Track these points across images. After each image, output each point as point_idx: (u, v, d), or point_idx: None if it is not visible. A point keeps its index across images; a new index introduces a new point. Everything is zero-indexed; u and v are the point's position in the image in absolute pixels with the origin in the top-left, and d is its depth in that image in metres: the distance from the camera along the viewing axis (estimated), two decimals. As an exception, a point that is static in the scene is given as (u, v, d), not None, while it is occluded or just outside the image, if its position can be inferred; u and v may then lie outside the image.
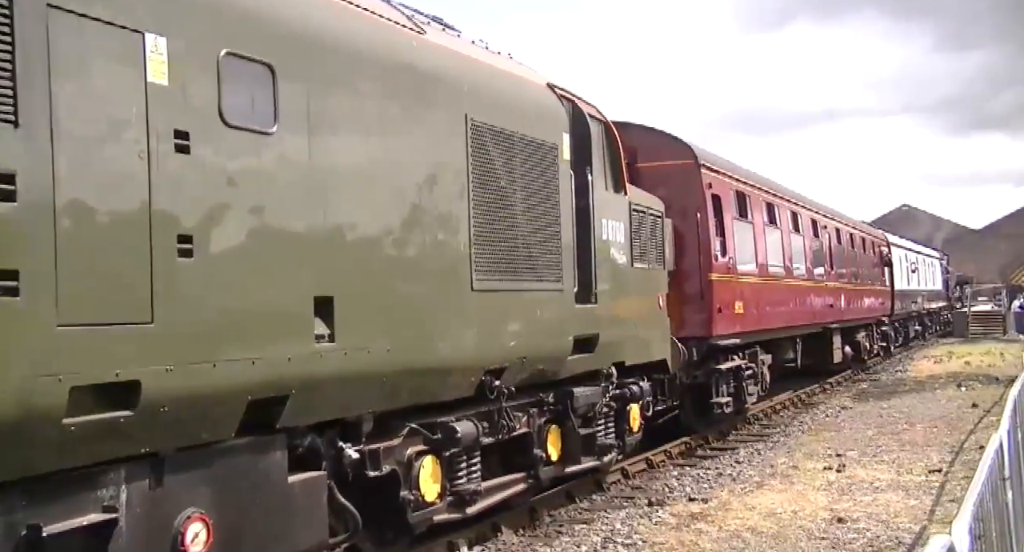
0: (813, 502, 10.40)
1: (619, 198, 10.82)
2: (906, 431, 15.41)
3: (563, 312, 9.01)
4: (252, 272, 5.31)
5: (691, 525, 9.51)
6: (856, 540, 8.83)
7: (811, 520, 9.61)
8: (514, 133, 8.21)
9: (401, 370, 6.62)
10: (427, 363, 6.93)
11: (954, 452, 13.14)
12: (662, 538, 9.06)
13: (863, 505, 10.18)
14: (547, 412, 9.33)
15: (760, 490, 11.15)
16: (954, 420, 16.32)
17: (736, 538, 8.98)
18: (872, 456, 13.18)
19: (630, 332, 10.91)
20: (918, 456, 12.98)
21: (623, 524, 9.67)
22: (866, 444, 14.24)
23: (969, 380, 23.17)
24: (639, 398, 11.21)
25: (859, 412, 18.37)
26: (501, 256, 7.91)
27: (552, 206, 8.84)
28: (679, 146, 14.02)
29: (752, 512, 10.01)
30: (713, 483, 11.80)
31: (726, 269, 14.41)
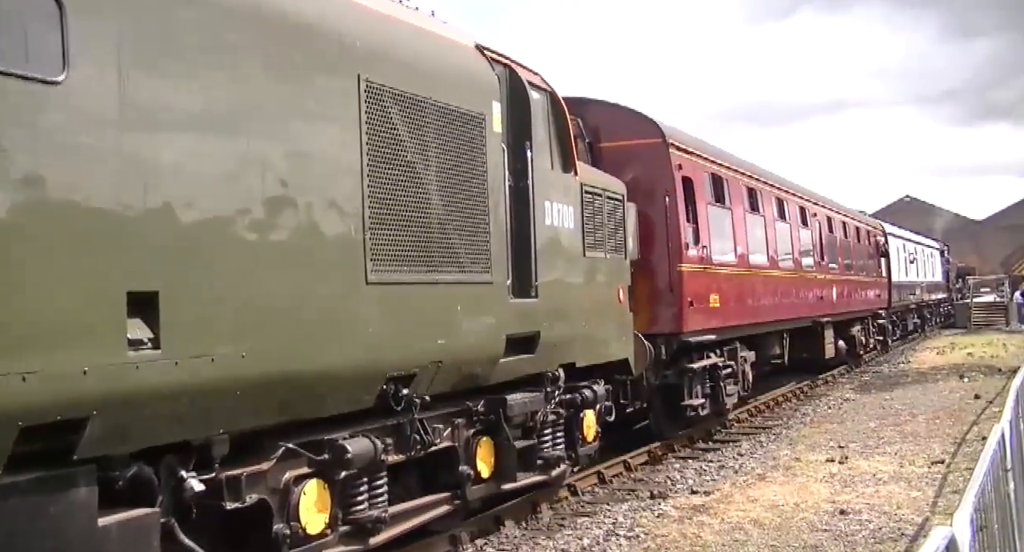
0: (815, 494, 10.29)
1: (568, 179, 9.62)
2: (908, 422, 15.25)
3: (493, 307, 7.83)
4: (24, 261, 4.12)
5: (693, 518, 9.43)
6: (859, 532, 8.74)
7: (813, 512, 9.51)
8: (426, 99, 7.02)
9: (264, 381, 5.43)
10: (303, 371, 5.74)
11: (956, 443, 13.02)
12: (664, 531, 8.97)
13: (865, 497, 10.08)
14: (477, 423, 8.15)
15: (762, 482, 11.05)
16: (956, 411, 16.11)
17: (738, 530, 8.91)
18: (874, 448, 13.07)
19: (581, 329, 9.72)
20: (920, 447, 12.87)
21: (625, 517, 9.63)
22: (868, 436, 14.09)
23: (971, 371, 22.92)
24: (593, 404, 10.03)
25: (861, 404, 18.20)
26: (408, 243, 6.72)
27: (477, 185, 7.65)
28: (645, 123, 12.81)
29: (754, 504, 9.90)
30: (715, 475, 11.71)
31: (699, 259, 13.20)
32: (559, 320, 9.10)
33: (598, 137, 12.66)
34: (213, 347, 5.04)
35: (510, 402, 8.23)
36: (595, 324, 10.10)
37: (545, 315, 8.77)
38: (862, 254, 27.28)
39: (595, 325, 10.10)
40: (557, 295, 9.08)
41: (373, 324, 6.33)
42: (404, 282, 6.67)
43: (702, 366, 13.43)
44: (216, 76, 5.19)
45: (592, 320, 10.00)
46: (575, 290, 9.58)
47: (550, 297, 8.88)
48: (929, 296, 41.26)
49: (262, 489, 5.76)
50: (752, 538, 8.66)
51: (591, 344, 10.03)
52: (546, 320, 8.79)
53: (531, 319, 8.57)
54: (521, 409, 8.41)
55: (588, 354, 9.95)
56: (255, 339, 5.33)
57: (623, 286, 10.98)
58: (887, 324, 31.01)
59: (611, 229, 10.71)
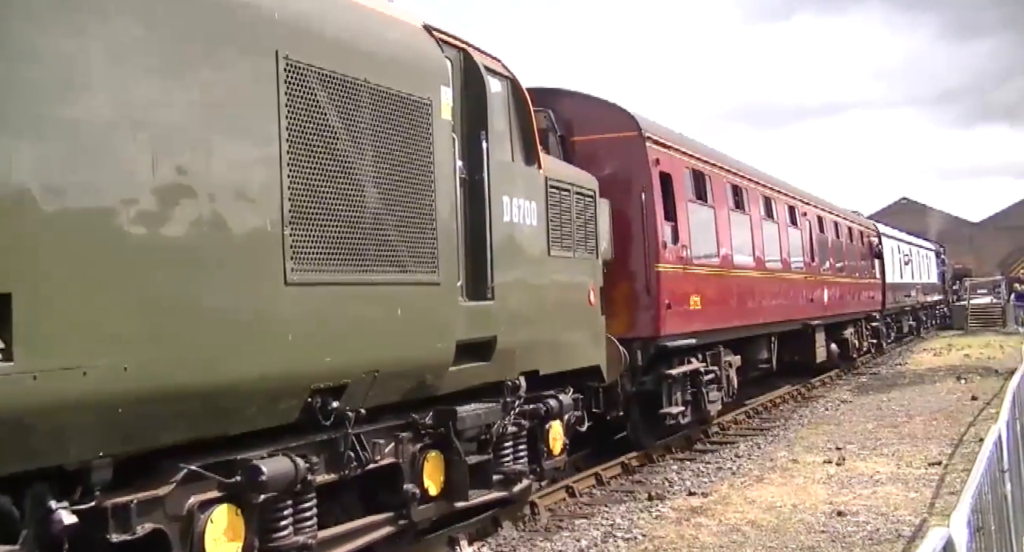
0: (813, 495, 10.29)
1: (531, 172, 8.96)
2: (905, 424, 15.24)
3: (440, 310, 7.16)
4: None
5: (691, 519, 9.41)
6: (856, 533, 8.72)
7: (811, 513, 9.51)
8: (360, 81, 6.34)
9: (153, 396, 4.76)
10: (205, 384, 5.06)
11: (954, 444, 13.01)
12: (662, 532, 8.96)
13: (863, 498, 10.08)
14: (425, 437, 7.47)
15: (760, 484, 11.04)
16: (954, 412, 16.14)
17: (736, 532, 8.89)
18: (872, 449, 13.06)
19: (546, 334, 9.06)
20: (918, 449, 12.87)
21: (623, 518, 9.62)
22: (866, 437, 14.09)
23: (968, 372, 22.94)
24: (560, 414, 9.36)
25: (859, 405, 18.25)
26: (338, 240, 6.04)
27: (422, 177, 6.97)
28: (620, 116, 12.14)
29: (752, 506, 9.90)
30: (713, 477, 11.70)
31: (678, 259, 12.53)
32: (519, 324, 8.44)
33: (571, 130, 12.00)
34: (86, 358, 4.36)
35: (461, 414, 7.55)
36: (562, 328, 9.44)
37: (503, 319, 8.10)
38: (855, 255, 26.64)
39: (562, 329, 9.44)
40: (517, 297, 8.42)
41: (294, 330, 5.65)
42: (332, 283, 5.99)
43: (682, 372, 12.75)
44: (86, 43, 4.50)
45: (558, 324, 9.34)
46: (538, 292, 8.92)
47: (508, 299, 8.22)
48: (924, 298, 40.63)
49: (159, 517, 5.08)
50: (750, 539, 8.63)
51: (557, 350, 9.37)
52: (504, 324, 8.13)
53: (486, 323, 7.90)
54: (474, 421, 7.73)
55: (554, 361, 9.29)
56: (142, 348, 4.65)
57: (594, 288, 10.32)
58: (881, 326, 30.36)
59: (581, 227, 10.04)
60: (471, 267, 7.89)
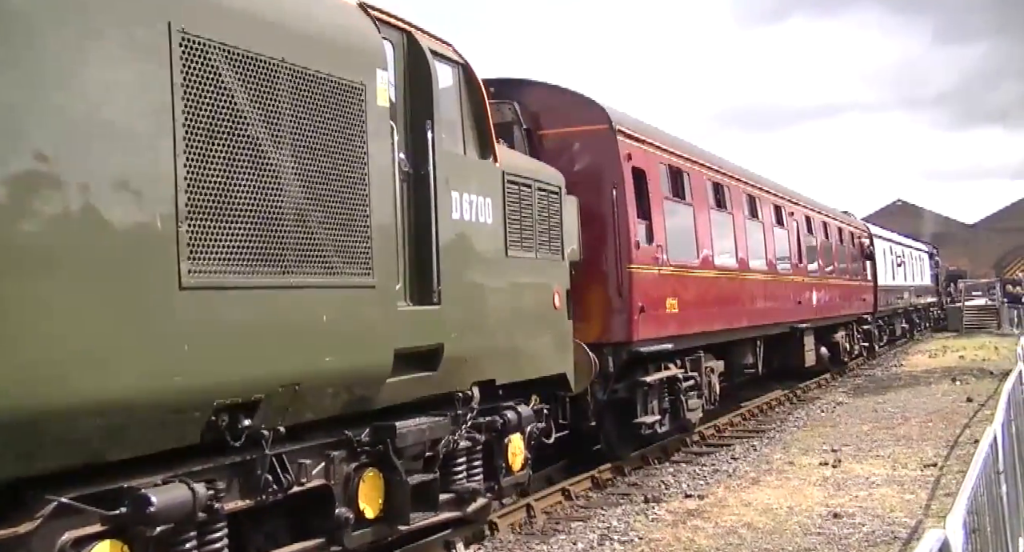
0: (809, 497, 10.30)
1: (485, 166, 8.30)
2: (901, 426, 15.25)
3: (375, 316, 6.49)
4: None
5: (687, 521, 9.40)
6: (852, 535, 8.71)
7: (807, 515, 9.50)
8: (277, 61, 5.68)
9: (4, 418, 4.09)
10: (72, 404, 4.39)
11: (949, 446, 13.01)
12: (659, 535, 8.96)
13: (859, 500, 10.08)
14: (361, 455, 6.80)
15: (756, 486, 11.03)
16: (949, 414, 16.13)
17: (732, 534, 8.88)
18: (867, 451, 13.06)
19: (502, 341, 8.40)
20: (913, 450, 12.87)
21: (619, 521, 9.59)
22: (861, 439, 14.09)
23: (964, 374, 22.90)
24: (519, 427, 8.69)
25: (854, 407, 18.27)
26: (247, 238, 5.37)
27: (354, 169, 6.31)
28: (589, 108, 11.47)
29: (748, 508, 9.88)
30: (709, 479, 11.68)
31: (653, 259, 11.87)
32: (471, 330, 7.78)
33: (538, 124, 11.35)
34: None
35: (401, 430, 6.88)
36: (522, 334, 8.78)
37: (451, 325, 7.44)
38: (845, 256, 26.01)
39: (522, 335, 8.78)
40: (468, 301, 7.76)
41: (191, 340, 4.98)
42: (241, 286, 5.32)
43: (658, 379, 12.09)
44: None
45: (517, 330, 8.68)
46: (493, 295, 8.26)
47: (458, 303, 7.55)
48: (918, 300, 40.02)
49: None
50: (746, 542, 8.61)
51: (516, 358, 8.71)
52: (453, 331, 7.46)
53: (432, 330, 7.24)
54: (417, 437, 7.06)
55: (513, 370, 8.63)
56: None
57: (559, 290, 9.66)
58: (873, 329, 29.75)
59: (544, 225, 9.38)
60: (415, 269, 7.24)
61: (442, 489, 7.83)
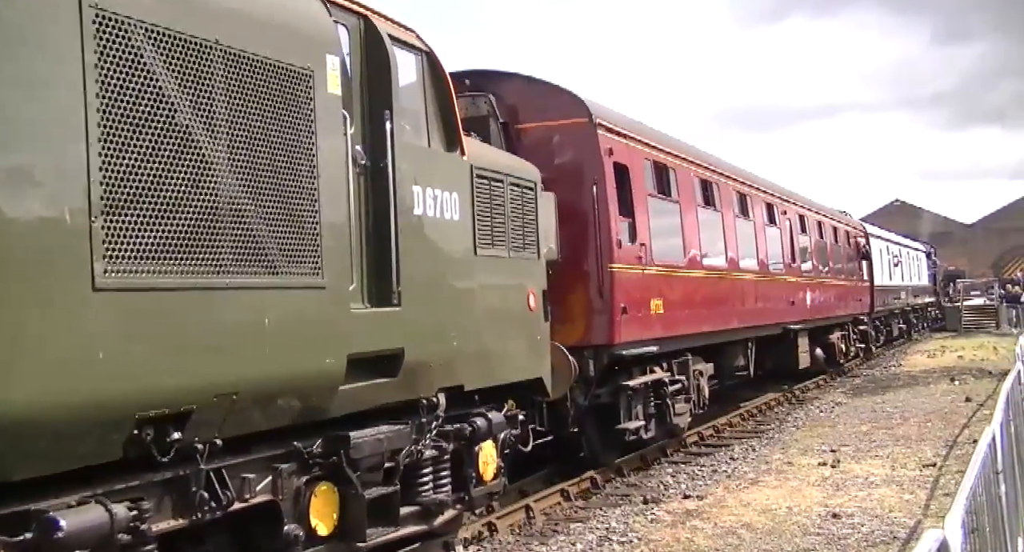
0: (808, 498, 10.29)
1: (451, 159, 7.86)
2: (900, 426, 15.26)
3: (325, 319, 6.04)
4: None
5: (686, 522, 9.39)
6: (851, 535, 8.70)
7: (806, 516, 9.48)
8: (211, 43, 5.23)
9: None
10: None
11: (948, 446, 13.01)
12: (658, 535, 8.95)
13: (858, 500, 10.07)
14: (313, 467, 6.34)
15: (755, 486, 11.03)
16: (948, 414, 16.14)
17: (731, 535, 8.87)
18: (866, 451, 13.06)
19: (471, 344, 7.95)
20: (912, 451, 12.86)
21: (619, 522, 9.61)
22: (860, 439, 14.09)
23: (962, 374, 22.97)
24: (489, 434, 8.25)
25: (853, 407, 18.29)
26: (175, 234, 4.93)
27: (300, 161, 5.86)
28: (568, 101, 11.04)
29: (747, 508, 9.87)
30: (708, 480, 11.69)
31: (636, 259, 11.43)
32: (435, 334, 7.34)
33: (516, 117, 10.92)
34: None
35: (355, 440, 6.43)
36: (493, 337, 8.33)
37: (413, 328, 6.99)
38: (841, 256, 25.60)
39: (493, 339, 8.33)
40: (432, 302, 7.31)
41: (107, 347, 4.53)
42: (165, 287, 4.87)
43: (642, 383, 11.65)
44: None
45: (488, 333, 8.24)
46: (461, 296, 7.82)
47: (421, 305, 7.10)
48: (915, 300, 39.61)
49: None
50: (745, 542, 8.61)
51: (487, 362, 8.26)
52: (414, 334, 7.02)
53: (391, 333, 6.79)
54: (374, 448, 6.61)
55: (482, 374, 8.18)
56: None
57: (535, 291, 9.21)
58: (870, 330, 29.33)
59: (517, 222, 8.94)
60: (373, 269, 6.79)
61: (406, 502, 7.40)
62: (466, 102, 10.66)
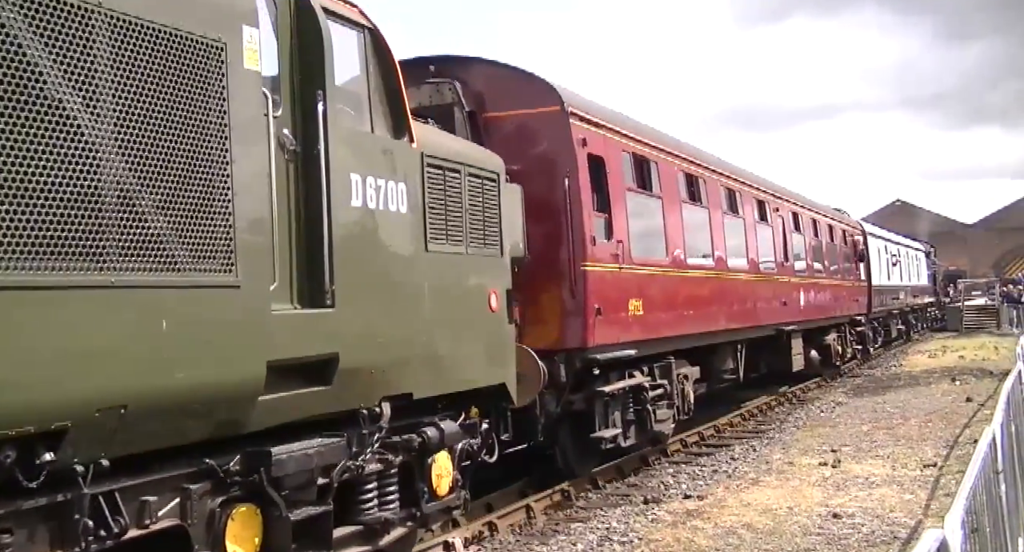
0: (808, 498, 10.25)
1: (398, 146, 7.19)
2: (901, 426, 15.22)
3: (239, 322, 5.37)
4: None
5: (687, 522, 9.38)
6: (852, 535, 8.68)
7: (807, 516, 9.46)
8: (91, 7, 4.57)
9: None
10: None
11: (949, 446, 12.96)
12: (658, 535, 8.94)
13: (858, 500, 10.05)
14: (231, 487, 5.68)
15: (755, 486, 11.00)
16: (948, 414, 16.09)
17: (732, 535, 8.85)
18: (867, 451, 13.02)
19: (421, 349, 7.28)
20: (913, 451, 12.81)
21: (619, 522, 9.57)
22: (861, 439, 14.05)
23: (963, 374, 22.93)
24: (442, 445, 7.58)
25: (854, 407, 18.24)
26: (40, 225, 4.26)
27: (207, 145, 5.20)
28: (539, 88, 10.36)
29: (748, 508, 9.84)
30: (709, 480, 11.66)
31: (612, 257, 10.75)
32: (376, 337, 6.67)
33: (483, 106, 10.25)
34: None
35: (278, 456, 5.76)
36: (446, 341, 7.66)
37: (349, 331, 6.32)
38: (837, 255, 24.91)
39: (446, 342, 7.66)
40: (372, 303, 6.64)
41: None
42: (27, 286, 4.20)
43: (619, 388, 10.97)
44: None
45: (441, 336, 7.57)
46: (409, 296, 7.15)
47: (359, 306, 6.44)
48: (914, 300, 38.92)
49: None
50: (746, 542, 8.58)
51: (440, 368, 7.59)
52: (352, 338, 6.35)
53: (323, 337, 6.13)
54: (301, 463, 5.93)
55: (434, 381, 7.52)
56: None
57: (497, 291, 8.55)
58: (867, 331, 28.63)
59: (477, 216, 8.27)
60: (303, 266, 6.13)
61: (348, 521, 6.76)
62: (430, 89, 10.02)
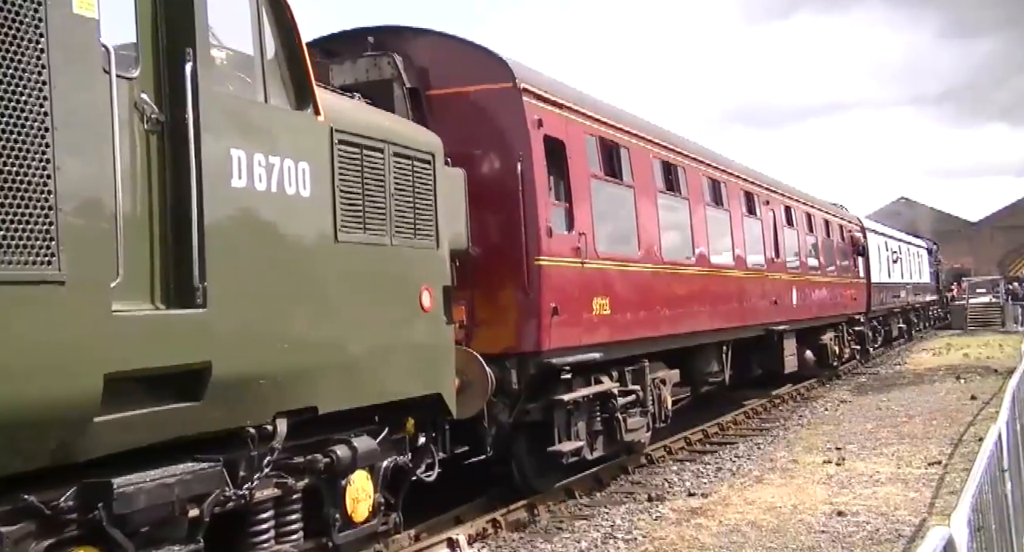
0: (813, 496, 10.21)
1: (299, 119, 6.17)
2: (905, 424, 15.11)
3: (64, 325, 4.37)
4: None
5: (691, 520, 9.35)
6: (856, 533, 8.66)
7: (811, 514, 9.44)
8: None
9: None
10: None
11: (953, 444, 12.89)
12: (662, 533, 8.90)
13: (863, 498, 10.01)
14: (66, 527, 4.67)
15: (760, 484, 10.95)
16: (953, 412, 15.99)
17: (736, 532, 8.84)
18: (871, 449, 12.95)
19: (326, 355, 6.27)
20: (917, 449, 12.75)
21: (623, 520, 9.53)
22: (865, 437, 13.97)
23: (968, 372, 22.77)
24: (356, 465, 6.57)
25: (858, 405, 18.12)
26: None
27: (18, 106, 4.20)
28: (489, 63, 9.30)
29: (752, 506, 9.80)
30: (713, 478, 11.63)
31: (573, 250, 9.71)
32: (266, 342, 5.66)
33: (427, 82, 9.21)
34: None
35: (122, 489, 4.74)
36: (363, 345, 6.64)
37: (226, 335, 5.31)
38: (834, 252, 23.85)
39: (363, 346, 6.64)
40: (260, 302, 5.62)
41: None
42: None
43: (582, 396, 9.94)
44: None
45: (355, 339, 6.55)
46: (312, 294, 6.12)
47: (241, 305, 5.43)
48: (916, 298, 37.81)
49: None
50: (750, 540, 8.57)
51: (354, 376, 6.57)
52: (230, 344, 5.34)
53: (190, 343, 5.11)
54: (154, 497, 4.91)
55: (347, 392, 6.50)
56: None
57: (431, 287, 7.52)
58: (866, 330, 27.53)
59: (405, 203, 7.25)
60: (167, 257, 5.13)
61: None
62: (367, 63, 9.00)
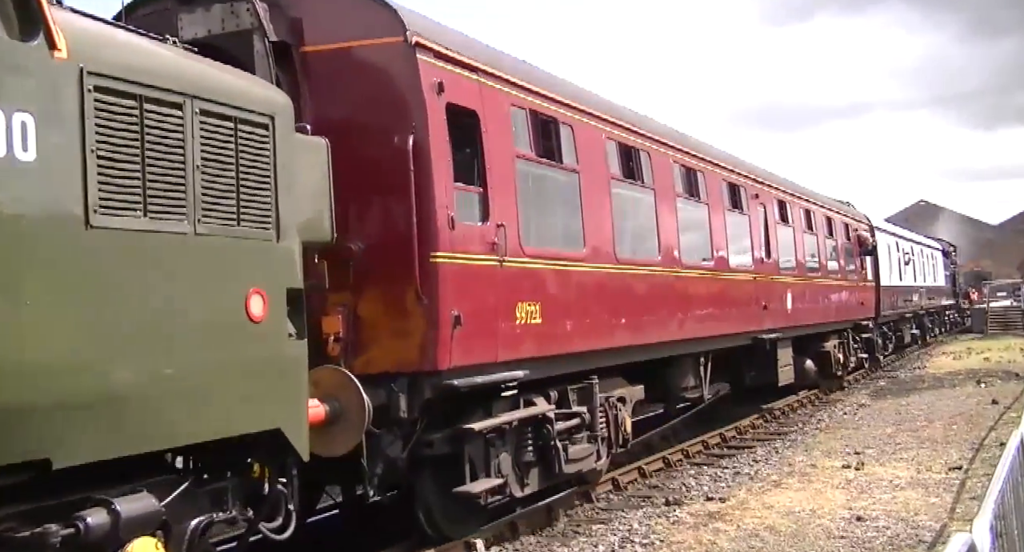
0: (831, 500, 10.14)
1: (17, 53, 4.40)
2: (925, 428, 14.96)
3: None
4: None
5: (709, 524, 9.26)
6: (876, 538, 8.55)
7: (830, 519, 9.33)
8: None
9: None
10: None
11: (974, 449, 12.76)
12: (680, 537, 8.83)
13: (882, 503, 9.91)
14: None
15: (778, 489, 10.93)
16: (974, 417, 15.80)
17: (754, 537, 8.74)
18: (891, 454, 12.86)
19: (72, 385, 4.49)
20: (938, 453, 12.63)
21: (640, 524, 9.43)
22: (884, 441, 13.90)
23: (988, 376, 22.45)
24: (126, 533, 4.80)
25: (877, 409, 17.99)
26: None
27: None
28: (375, 13, 7.44)
29: (770, 511, 9.72)
30: (731, 482, 11.60)
31: (488, 246, 7.88)
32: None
33: (301, 37, 7.45)
34: None
35: None
36: (138, 370, 4.86)
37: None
38: (838, 252, 22.01)
39: (138, 373, 4.86)
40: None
41: None
42: None
43: (503, 424, 8.13)
44: None
45: (123, 362, 4.77)
46: (40, 301, 4.36)
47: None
48: (930, 302, 35.81)
49: None
50: (768, 545, 8.50)
51: (123, 413, 4.78)
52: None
53: None
54: None
55: (108, 436, 4.71)
56: None
57: (265, 291, 5.73)
58: (876, 337, 25.61)
59: (224, 179, 5.48)
60: None
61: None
62: (222, 11, 7.22)
